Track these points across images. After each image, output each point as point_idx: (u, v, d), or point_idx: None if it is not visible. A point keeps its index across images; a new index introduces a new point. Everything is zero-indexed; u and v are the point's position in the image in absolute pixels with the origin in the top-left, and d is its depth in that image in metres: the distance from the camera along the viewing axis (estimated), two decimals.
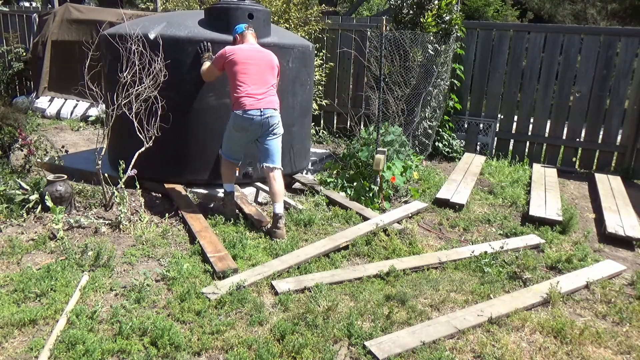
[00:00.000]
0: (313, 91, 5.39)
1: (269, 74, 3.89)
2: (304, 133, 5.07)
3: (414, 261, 3.50)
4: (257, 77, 3.81)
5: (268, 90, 3.86)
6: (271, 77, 3.92)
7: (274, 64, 3.97)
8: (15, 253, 3.30)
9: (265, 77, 3.86)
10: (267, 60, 3.91)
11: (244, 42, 3.98)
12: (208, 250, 3.38)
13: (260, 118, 3.78)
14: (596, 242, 4.15)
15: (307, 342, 2.48)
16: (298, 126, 4.88)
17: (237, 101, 3.78)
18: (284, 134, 4.10)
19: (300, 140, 5.00)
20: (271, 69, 3.92)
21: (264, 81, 3.85)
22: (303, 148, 5.10)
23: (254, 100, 3.77)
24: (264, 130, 3.86)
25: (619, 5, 15.85)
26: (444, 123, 6.61)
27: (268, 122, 3.84)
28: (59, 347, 2.36)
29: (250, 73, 3.79)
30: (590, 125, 6.32)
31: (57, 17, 8.37)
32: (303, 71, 4.81)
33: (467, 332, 2.67)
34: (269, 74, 3.90)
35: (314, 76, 5.23)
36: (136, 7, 12.56)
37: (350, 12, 13.88)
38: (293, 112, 4.76)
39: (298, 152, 4.98)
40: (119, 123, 4.13)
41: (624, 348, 2.64)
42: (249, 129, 3.83)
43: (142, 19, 4.71)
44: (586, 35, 6.14)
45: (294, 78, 4.70)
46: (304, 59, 4.80)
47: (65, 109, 8.31)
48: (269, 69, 3.90)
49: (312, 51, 5.01)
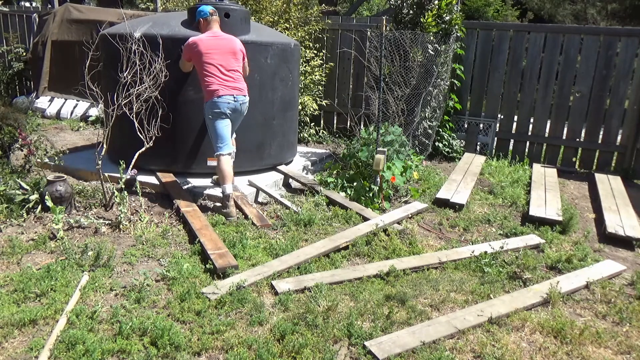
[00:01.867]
0: (298, 87, 5.62)
1: (232, 60, 4.09)
2: (286, 127, 5.27)
3: (414, 261, 3.50)
4: (223, 65, 4.03)
5: (234, 76, 4.09)
6: (234, 62, 4.12)
7: (237, 48, 4.15)
8: (15, 253, 3.30)
9: (230, 63, 4.07)
10: (230, 47, 4.10)
11: (207, 29, 4.16)
12: (208, 247, 3.38)
13: (235, 104, 4.06)
14: (596, 242, 4.15)
15: (307, 342, 2.48)
16: (279, 119, 5.11)
17: (208, 91, 4.02)
18: (264, 126, 4.59)
19: (282, 133, 5.22)
20: (233, 54, 4.11)
21: (230, 68, 4.06)
22: (286, 141, 5.33)
23: (224, 87, 4.01)
24: (236, 115, 4.15)
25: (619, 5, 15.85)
26: (444, 123, 6.61)
27: (241, 108, 4.14)
28: (59, 347, 2.36)
29: (215, 62, 4.00)
30: (590, 125, 6.32)
31: (57, 17, 8.37)
32: (283, 67, 5.01)
33: (467, 332, 2.67)
34: (232, 60, 4.10)
35: (297, 72, 5.40)
36: (136, 7, 12.56)
37: (350, 12, 13.88)
38: (273, 106, 5.01)
39: (280, 145, 5.21)
40: (119, 122, 4.19)
41: (624, 348, 2.64)
42: (230, 114, 4.07)
43: (137, 20, 4.89)
44: (586, 35, 6.15)
45: (273, 74, 4.91)
46: (284, 56, 5.00)
47: (65, 109, 8.32)
48: (231, 54, 4.09)
49: (294, 48, 5.18)
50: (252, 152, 4.94)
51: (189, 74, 4.47)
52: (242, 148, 4.82)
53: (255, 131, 4.89)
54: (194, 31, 4.50)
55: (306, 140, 7.23)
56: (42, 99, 8.42)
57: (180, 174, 4.77)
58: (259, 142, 4.96)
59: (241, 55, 4.20)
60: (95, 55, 4.17)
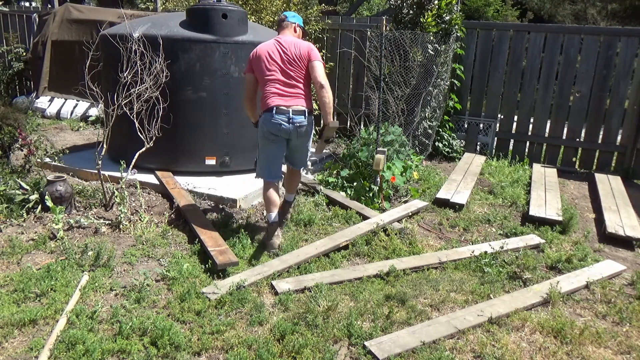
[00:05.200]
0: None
1: (292, 68, 3.49)
2: None
3: (414, 261, 3.50)
4: (280, 74, 3.49)
5: (293, 86, 3.50)
6: (295, 71, 3.50)
7: (301, 54, 3.49)
8: (15, 253, 3.30)
9: (288, 72, 3.49)
10: (290, 53, 3.49)
11: (280, 33, 3.67)
12: (209, 244, 3.37)
13: (288, 122, 3.46)
14: (596, 242, 4.15)
15: (307, 342, 2.48)
16: None
17: (263, 101, 3.53)
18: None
19: None
20: (295, 62, 3.49)
21: (288, 76, 3.49)
22: None
23: (279, 99, 3.47)
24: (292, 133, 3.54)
25: (619, 5, 15.84)
26: (444, 123, 6.61)
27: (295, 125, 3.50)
28: (59, 347, 2.36)
29: (272, 70, 3.49)
30: (590, 125, 6.32)
31: (57, 17, 8.36)
32: None
33: (467, 332, 2.67)
34: (293, 68, 3.49)
35: None
36: (136, 7, 12.56)
37: (350, 12, 13.88)
38: None
39: None
40: (119, 122, 4.20)
41: (624, 348, 2.64)
42: (278, 134, 3.50)
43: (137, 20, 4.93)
44: (586, 35, 6.14)
45: None
46: None
47: (65, 109, 8.31)
48: (292, 61, 3.49)
49: None
50: (249, 151, 4.93)
51: (188, 74, 4.47)
52: (240, 147, 4.84)
53: (253, 130, 4.87)
54: (192, 32, 4.53)
55: None
56: (42, 99, 8.42)
57: (180, 173, 4.78)
58: (256, 141, 4.93)
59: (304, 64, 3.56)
60: (95, 55, 4.18)
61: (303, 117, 3.52)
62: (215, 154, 4.82)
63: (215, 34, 4.59)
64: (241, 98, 4.75)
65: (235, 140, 4.86)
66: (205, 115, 4.73)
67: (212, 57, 4.60)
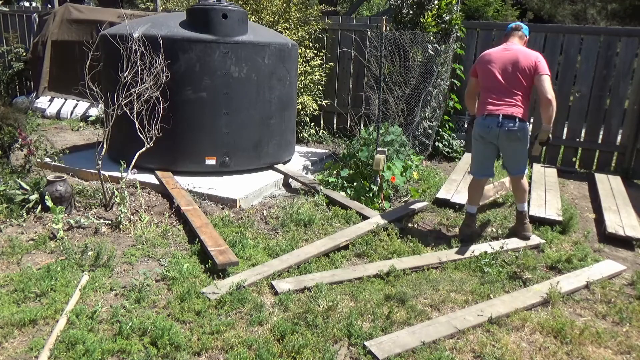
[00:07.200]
0: (296, 87, 5.68)
1: (512, 78, 3.60)
2: (283, 126, 5.30)
3: (414, 261, 3.50)
4: (497, 82, 3.64)
5: (510, 95, 3.61)
6: (515, 81, 3.60)
7: (522, 65, 3.57)
8: (15, 253, 3.30)
9: (507, 81, 3.61)
10: (509, 63, 3.62)
11: (503, 43, 3.84)
12: (209, 244, 3.37)
13: (497, 126, 3.62)
14: (596, 242, 4.15)
15: (307, 342, 2.48)
16: (276, 119, 5.15)
17: (479, 106, 3.79)
18: (261, 125, 4.53)
19: (280, 132, 5.26)
20: (515, 72, 3.58)
21: (505, 85, 3.62)
22: (284, 140, 5.36)
23: (491, 106, 3.65)
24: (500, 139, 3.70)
25: (619, 5, 15.84)
26: (444, 123, 6.61)
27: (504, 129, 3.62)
28: (59, 347, 2.36)
29: (489, 77, 3.68)
30: (590, 125, 6.32)
31: (57, 17, 8.37)
32: (281, 67, 5.05)
33: (467, 332, 2.67)
34: (513, 78, 3.59)
35: (295, 72, 5.48)
36: (136, 7, 12.55)
37: (350, 12, 13.89)
38: (270, 106, 5.05)
39: (277, 144, 5.25)
40: (119, 122, 4.20)
41: (624, 348, 2.64)
42: (486, 137, 3.72)
43: (137, 20, 4.95)
44: (586, 35, 6.14)
45: (271, 73, 4.97)
46: (282, 56, 5.04)
47: (65, 109, 8.31)
48: (513, 71, 3.59)
49: (291, 48, 5.22)
50: (249, 151, 4.96)
51: (188, 74, 4.48)
52: (240, 147, 4.85)
53: (253, 130, 4.91)
54: (192, 32, 4.55)
55: (306, 140, 7.23)
56: (42, 99, 8.42)
57: (180, 173, 4.78)
58: (256, 141, 4.98)
59: (527, 74, 3.66)
60: (95, 55, 4.18)
61: (513, 123, 3.63)
62: (215, 154, 4.83)
63: (215, 34, 4.59)
64: (241, 98, 4.79)
65: (235, 140, 4.86)
66: (205, 115, 4.73)
67: (212, 57, 4.61)
